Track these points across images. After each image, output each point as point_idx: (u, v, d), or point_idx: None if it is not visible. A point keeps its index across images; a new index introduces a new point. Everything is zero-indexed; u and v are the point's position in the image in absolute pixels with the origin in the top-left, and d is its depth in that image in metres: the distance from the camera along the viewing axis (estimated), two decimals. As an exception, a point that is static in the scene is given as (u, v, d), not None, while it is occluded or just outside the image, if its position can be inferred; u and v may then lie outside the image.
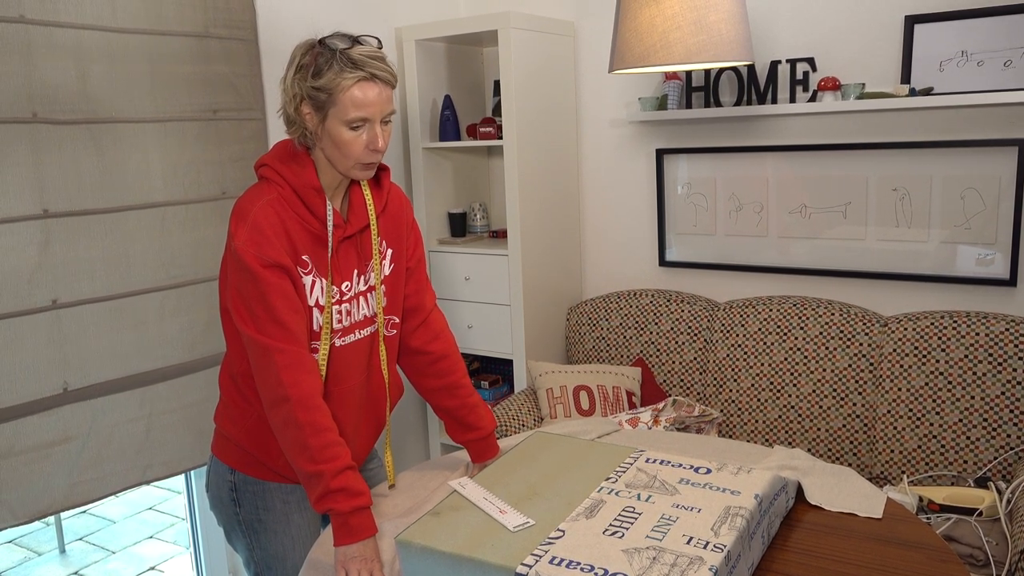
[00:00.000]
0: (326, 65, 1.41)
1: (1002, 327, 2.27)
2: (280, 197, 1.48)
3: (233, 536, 1.64)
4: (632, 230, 3.03)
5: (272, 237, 1.44)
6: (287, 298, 1.44)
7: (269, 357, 1.41)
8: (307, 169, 1.49)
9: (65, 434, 2.12)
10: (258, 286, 1.42)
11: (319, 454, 1.40)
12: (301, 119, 1.46)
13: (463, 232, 3.10)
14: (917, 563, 1.34)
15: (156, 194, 2.28)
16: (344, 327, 1.55)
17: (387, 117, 1.47)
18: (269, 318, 1.42)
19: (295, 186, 1.48)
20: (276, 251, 1.43)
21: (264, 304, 1.42)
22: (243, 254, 1.42)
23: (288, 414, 1.41)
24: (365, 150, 1.45)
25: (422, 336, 1.70)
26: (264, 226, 1.44)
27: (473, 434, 1.72)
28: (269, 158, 1.52)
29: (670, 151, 2.87)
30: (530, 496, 1.41)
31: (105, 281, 2.18)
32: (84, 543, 3.70)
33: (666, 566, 1.16)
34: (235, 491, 1.60)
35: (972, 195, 2.39)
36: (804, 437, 2.51)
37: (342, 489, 1.40)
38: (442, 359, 1.71)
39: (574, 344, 3.00)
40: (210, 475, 1.65)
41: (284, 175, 1.49)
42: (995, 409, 2.25)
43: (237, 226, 1.45)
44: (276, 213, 1.46)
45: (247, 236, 1.43)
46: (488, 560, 1.20)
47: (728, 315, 2.69)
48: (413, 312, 1.70)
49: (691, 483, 1.44)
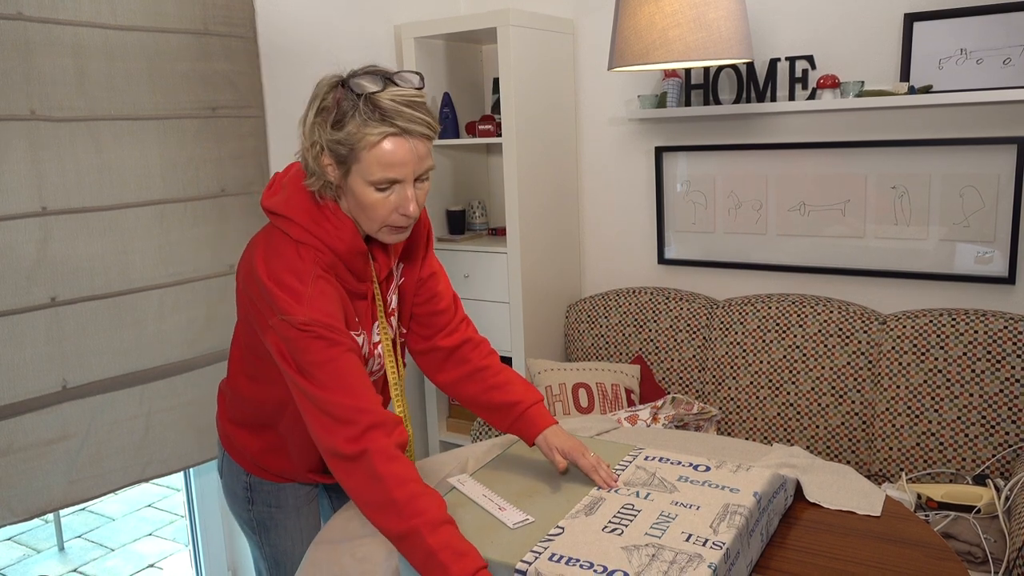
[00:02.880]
0: (349, 112, 1.21)
1: (1000, 325, 2.27)
2: (323, 263, 1.30)
3: (243, 530, 1.64)
4: (631, 228, 3.03)
5: (336, 317, 1.28)
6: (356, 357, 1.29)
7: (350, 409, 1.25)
8: (347, 231, 1.31)
9: (64, 432, 2.12)
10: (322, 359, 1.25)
11: (407, 508, 1.18)
12: (321, 170, 1.27)
13: (462, 230, 3.10)
14: (916, 561, 1.34)
15: (155, 191, 2.28)
16: (379, 366, 1.49)
17: (424, 175, 1.28)
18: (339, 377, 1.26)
19: (338, 252, 1.31)
20: (345, 333, 1.29)
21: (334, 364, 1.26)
22: (307, 330, 1.25)
23: (369, 469, 1.21)
24: (394, 213, 1.27)
25: (439, 335, 1.56)
26: (326, 306, 1.27)
27: (514, 411, 1.48)
28: (293, 211, 1.31)
29: (669, 149, 2.87)
30: (529, 493, 1.41)
31: (104, 278, 2.18)
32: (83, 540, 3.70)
33: (665, 563, 1.16)
34: (250, 490, 1.58)
35: (971, 193, 2.39)
36: (803, 435, 2.51)
37: (446, 547, 1.16)
38: (455, 351, 1.56)
39: (573, 342, 3.00)
40: (223, 467, 1.62)
41: (322, 239, 1.30)
42: (993, 407, 2.25)
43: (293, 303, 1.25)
44: (332, 287, 1.30)
45: (306, 315, 1.25)
46: (488, 557, 1.20)
47: (727, 313, 2.69)
48: (436, 315, 1.56)
49: (690, 480, 1.44)
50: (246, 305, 1.37)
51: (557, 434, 1.47)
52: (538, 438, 1.48)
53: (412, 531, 1.17)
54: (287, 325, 1.26)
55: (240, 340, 1.48)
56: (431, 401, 3.11)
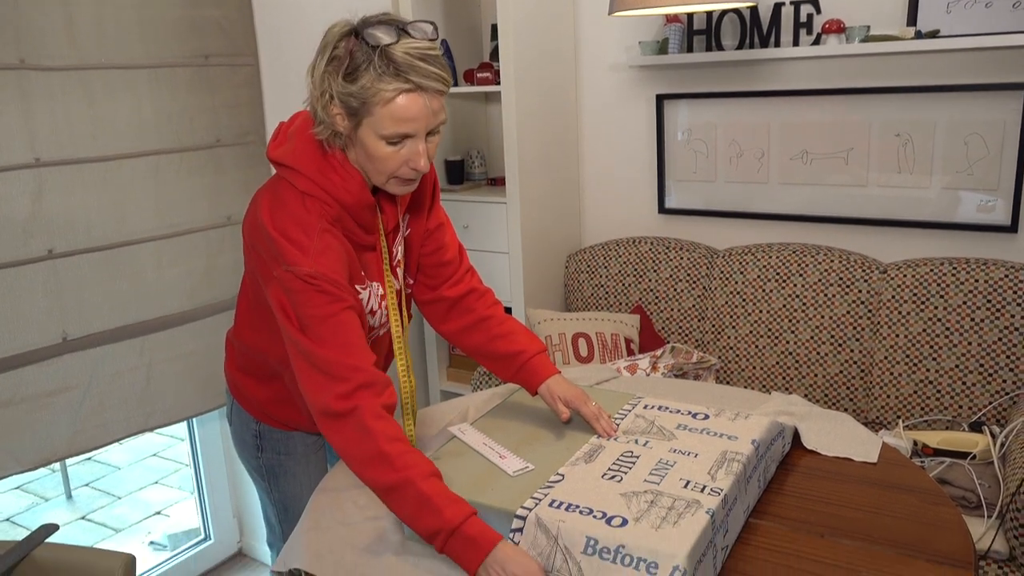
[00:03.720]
0: (363, 65, 1.18)
1: (1001, 273, 2.27)
2: (329, 216, 1.29)
3: (252, 477, 1.66)
4: (631, 177, 3.01)
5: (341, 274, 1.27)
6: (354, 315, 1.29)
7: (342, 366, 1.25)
8: (355, 183, 1.30)
9: (66, 383, 2.13)
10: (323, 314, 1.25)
11: (399, 460, 1.20)
12: (330, 120, 1.25)
13: (461, 179, 3.08)
14: (910, 506, 1.36)
15: (149, 142, 2.25)
16: (381, 322, 1.48)
17: (436, 128, 1.26)
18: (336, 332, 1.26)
19: (346, 205, 1.30)
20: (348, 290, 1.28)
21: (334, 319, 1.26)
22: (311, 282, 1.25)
23: (358, 423, 1.22)
24: (404, 167, 1.26)
25: (444, 284, 1.57)
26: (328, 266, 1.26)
27: (517, 360, 1.49)
28: (300, 163, 1.30)
29: (671, 96, 2.82)
30: (529, 441, 1.43)
31: (101, 230, 2.17)
32: (90, 489, 3.76)
33: (663, 509, 1.18)
34: (259, 438, 1.59)
35: (976, 140, 2.36)
36: (801, 383, 2.53)
37: (437, 493, 1.19)
38: (458, 301, 1.56)
39: (573, 292, 3.00)
40: (233, 416, 1.63)
41: (330, 191, 1.29)
42: (992, 355, 2.26)
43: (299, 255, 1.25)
44: (338, 240, 1.29)
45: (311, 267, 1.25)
46: (488, 504, 1.22)
47: (727, 262, 2.69)
48: (442, 266, 1.56)
49: (689, 429, 1.45)
50: (252, 257, 1.36)
51: (560, 383, 1.49)
52: (541, 387, 1.49)
53: (405, 481, 1.18)
54: (292, 276, 1.26)
55: (247, 292, 1.48)
56: (431, 351, 3.12)
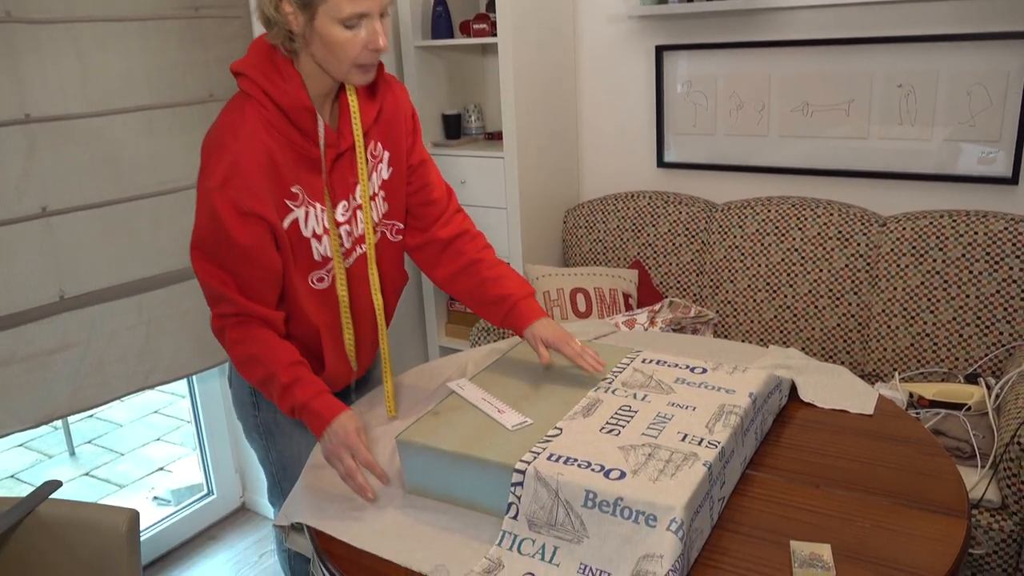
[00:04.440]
0: None
1: (1001, 226, 2.26)
2: (265, 121, 1.32)
3: (250, 435, 1.67)
4: (630, 130, 2.98)
5: (255, 180, 1.30)
6: (255, 250, 1.34)
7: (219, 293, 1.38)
8: (294, 84, 1.32)
9: (64, 341, 2.14)
10: (226, 229, 1.31)
11: (266, 356, 1.38)
12: (283, 19, 1.26)
13: (458, 134, 3.04)
14: (905, 456, 1.38)
15: (141, 97, 2.22)
16: (348, 247, 1.48)
17: (386, 9, 1.30)
18: (231, 256, 1.34)
19: (283, 105, 1.32)
20: (258, 200, 1.30)
21: (232, 245, 1.32)
22: (217, 202, 1.29)
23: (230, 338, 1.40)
24: (364, 51, 1.28)
25: (433, 226, 1.57)
26: (247, 167, 1.29)
27: (504, 304, 1.52)
28: (247, 67, 1.34)
29: (670, 48, 2.78)
30: (528, 396, 1.43)
31: (95, 188, 2.15)
32: (93, 446, 3.79)
33: (661, 462, 1.19)
34: (255, 395, 1.60)
35: (979, 91, 2.33)
36: (799, 337, 2.54)
37: (296, 380, 1.38)
38: (450, 244, 1.58)
39: (571, 247, 3.00)
40: (232, 375, 1.65)
41: (268, 92, 1.32)
42: (989, 307, 2.26)
43: (214, 163, 1.29)
44: (261, 144, 1.31)
45: (224, 178, 1.28)
46: (487, 458, 1.23)
47: (726, 216, 2.68)
48: (427, 206, 1.57)
49: (687, 382, 1.46)
50: None
51: (545, 326, 1.51)
52: (526, 331, 1.52)
53: (271, 374, 1.37)
54: (207, 187, 1.30)
55: None
56: (430, 307, 3.13)
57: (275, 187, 1.34)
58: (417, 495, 1.33)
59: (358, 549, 1.22)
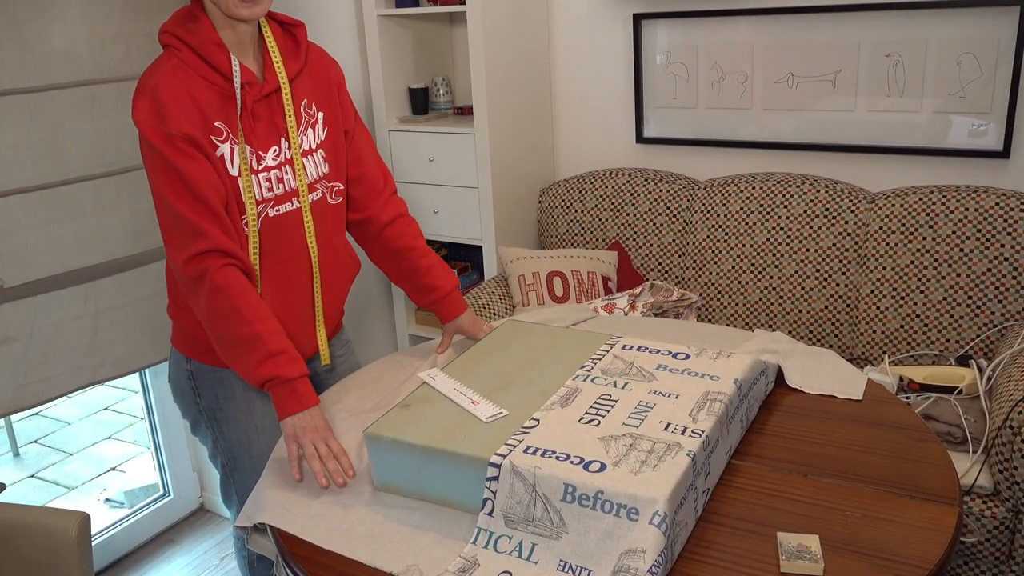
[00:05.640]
0: None
1: (992, 201, 2.29)
2: (180, 62, 1.43)
3: (197, 428, 1.68)
4: (607, 104, 2.97)
5: (174, 107, 1.39)
6: (203, 172, 1.41)
7: (190, 229, 1.40)
8: (203, 24, 1.44)
9: (5, 334, 2.10)
10: (168, 162, 1.39)
11: (250, 313, 1.39)
12: None
13: (425, 109, 3.02)
14: (895, 443, 1.40)
15: (83, 71, 2.17)
16: (276, 195, 1.52)
17: None
18: (182, 186, 1.39)
19: (194, 45, 1.43)
20: (181, 122, 1.39)
21: (175, 172, 1.39)
22: (145, 131, 1.38)
23: (211, 284, 1.40)
24: None
25: (370, 206, 1.70)
26: (165, 97, 1.39)
27: (433, 295, 1.73)
28: (168, 24, 1.47)
29: (648, 16, 2.78)
30: (503, 386, 1.44)
31: (34, 169, 2.11)
32: (39, 446, 3.74)
33: (643, 453, 1.20)
34: (193, 380, 1.62)
35: (969, 60, 2.36)
36: (785, 319, 2.56)
37: (283, 351, 1.40)
38: (389, 224, 1.71)
39: (547, 228, 3.00)
40: (171, 366, 1.68)
41: (181, 36, 1.44)
42: (980, 286, 2.30)
43: (138, 101, 1.40)
44: (179, 80, 1.41)
45: (148, 109, 1.38)
46: (460, 452, 1.23)
47: (709, 194, 2.69)
48: (358, 181, 1.68)
49: (669, 369, 1.47)
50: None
51: (464, 319, 1.75)
52: (448, 324, 1.75)
53: (255, 336, 1.39)
54: (146, 127, 1.38)
55: None
56: (398, 293, 3.12)
57: (198, 121, 1.42)
58: (387, 492, 1.33)
59: (325, 550, 1.22)
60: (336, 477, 1.34)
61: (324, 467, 1.35)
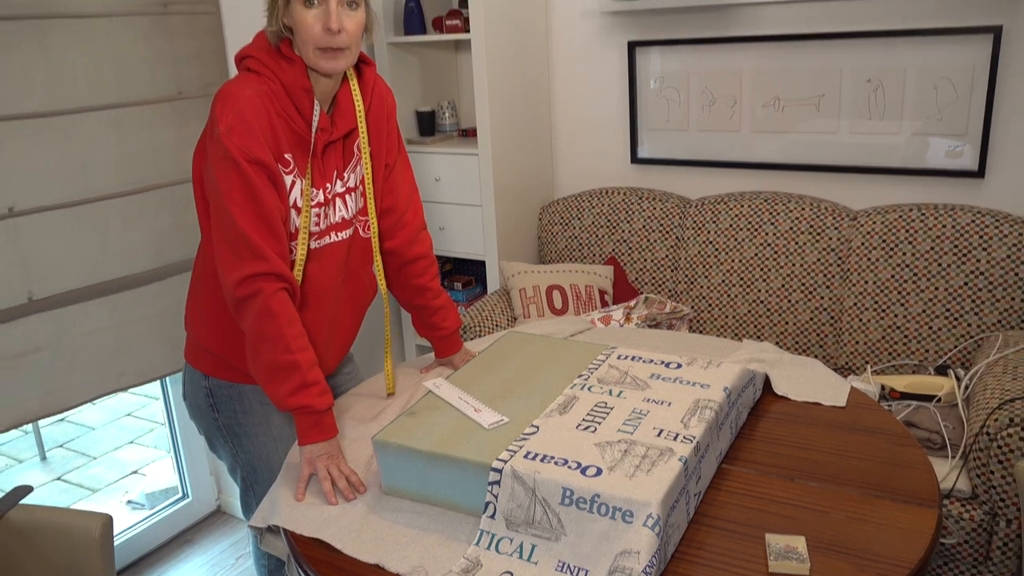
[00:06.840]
0: None
1: (968, 219, 2.30)
2: (269, 91, 1.40)
3: (215, 443, 1.64)
4: (604, 127, 2.98)
5: (257, 130, 1.37)
6: (273, 197, 1.39)
7: (249, 249, 1.37)
8: (297, 67, 1.42)
9: (34, 344, 2.10)
10: (245, 179, 1.36)
11: (295, 343, 1.38)
12: (274, 8, 1.40)
13: (432, 131, 3.03)
14: (877, 448, 1.40)
15: (109, 95, 2.19)
16: (320, 229, 1.51)
17: (352, 1, 1.39)
18: (253, 206, 1.37)
19: (285, 83, 1.41)
20: (260, 146, 1.37)
21: (249, 191, 1.36)
22: (229, 144, 1.35)
23: (263, 306, 1.37)
24: (321, 32, 1.37)
25: (398, 237, 1.67)
26: (250, 117, 1.37)
27: (436, 332, 1.77)
28: (254, 50, 1.44)
29: (643, 44, 2.79)
30: (504, 395, 1.43)
31: (62, 187, 2.12)
32: (64, 450, 3.74)
33: (637, 457, 1.20)
34: (211, 396, 1.58)
35: (945, 85, 2.37)
36: (772, 331, 2.56)
37: (317, 383, 1.40)
38: (413, 262, 1.70)
39: (546, 244, 3.00)
40: (186, 383, 1.63)
41: (274, 70, 1.42)
42: (957, 299, 2.30)
43: (222, 111, 1.37)
44: (263, 107, 1.39)
45: (232, 124, 1.35)
46: (464, 457, 1.23)
47: (700, 212, 2.69)
48: (388, 212, 1.66)
49: (662, 378, 1.46)
50: (200, 162, 1.46)
51: (455, 358, 1.80)
52: (441, 358, 1.82)
53: (294, 364, 1.38)
54: (222, 143, 1.35)
55: (205, 223, 1.52)
56: (405, 306, 3.12)
57: (273, 145, 1.41)
58: (394, 496, 1.32)
59: (335, 551, 1.22)
60: (347, 494, 1.34)
61: (335, 488, 1.35)
